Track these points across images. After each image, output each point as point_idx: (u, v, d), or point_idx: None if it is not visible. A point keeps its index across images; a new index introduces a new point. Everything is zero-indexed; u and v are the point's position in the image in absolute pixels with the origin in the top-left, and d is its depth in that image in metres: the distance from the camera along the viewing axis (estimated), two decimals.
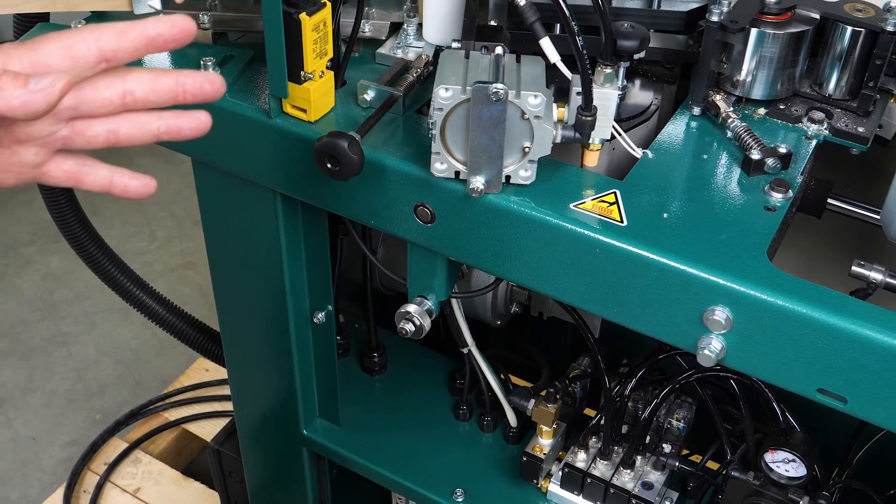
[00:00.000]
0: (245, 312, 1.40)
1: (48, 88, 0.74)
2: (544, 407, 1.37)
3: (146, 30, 0.79)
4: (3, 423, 2.56)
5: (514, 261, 1.03)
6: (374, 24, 1.21)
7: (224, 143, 1.17)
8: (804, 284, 0.90)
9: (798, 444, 1.15)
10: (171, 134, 0.86)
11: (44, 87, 0.74)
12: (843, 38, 1.09)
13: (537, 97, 0.94)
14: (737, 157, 1.06)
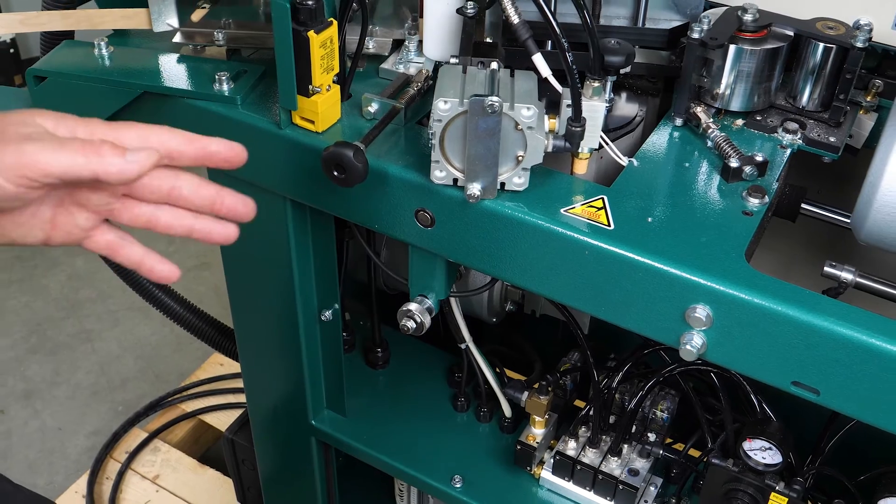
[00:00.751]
0: (257, 310, 1.40)
1: (142, 161, 0.79)
2: (537, 399, 1.37)
3: (209, 145, 0.85)
4: (32, 414, 2.55)
5: (509, 262, 1.03)
6: (377, 41, 1.21)
7: None
8: (779, 284, 0.90)
9: (774, 433, 1.15)
10: (201, 235, 0.90)
11: (138, 160, 0.78)
12: (816, 54, 1.09)
13: (530, 109, 0.94)
14: (716, 165, 1.06)
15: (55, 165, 0.77)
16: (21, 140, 0.77)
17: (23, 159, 0.76)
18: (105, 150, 0.78)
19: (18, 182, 0.77)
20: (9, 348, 2.75)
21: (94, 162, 0.77)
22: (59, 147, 0.78)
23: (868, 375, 0.87)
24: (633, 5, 1.16)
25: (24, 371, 2.68)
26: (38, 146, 0.77)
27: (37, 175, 0.77)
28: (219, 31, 1.22)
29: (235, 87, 1.16)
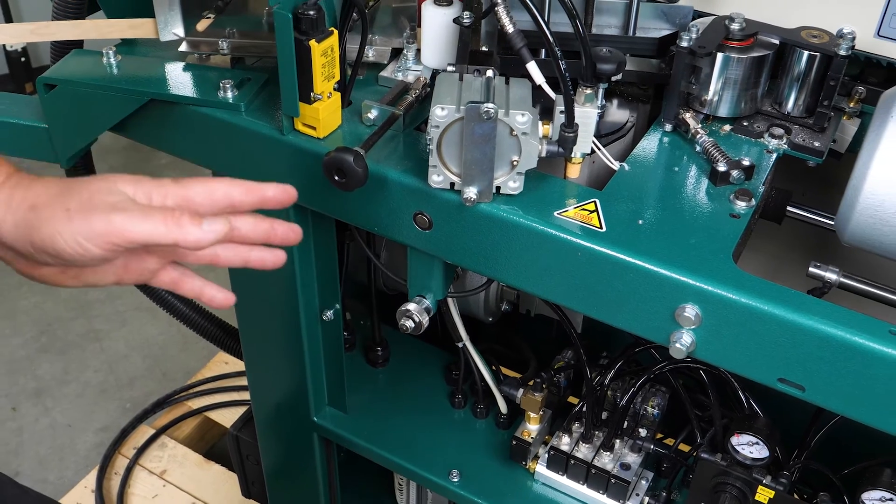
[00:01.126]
0: (261, 311, 1.40)
1: (217, 231, 0.83)
2: (532, 395, 1.37)
3: (266, 191, 0.91)
4: (42, 411, 2.55)
5: (504, 263, 1.03)
6: (376, 50, 1.21)
7: (242, 157, 1.17)
8: (766, 284, 0.90)
9: (761, 428, 1.15)
10: (257, 263, 0.97)
11: (214, 230, 0.83)
12: (801, 62, 1.09)
13: (524, 115, 0.94)
14: (705, 169, 1.06)
15: (140, 234, 0.81)
16: (108, 210, 0.81)
17: (111, 228, 0.81)
18: (184, 221, 0.82)
19: (105, 248, 0.81)
20: (20, 347, 2.75)
21: (175, 232, 0.82)
22: (144, 218, 0.82)
23: (851, 372, 0.87)
24: (624, 15, 1.16)
25: (34, 370, 2.68)
26: (124, 216, 0.81)
27: (123, 242, 0.82)
28: (223, 40, 1.22)
29: (239, 95, 1.16)
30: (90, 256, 0.82)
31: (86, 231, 0.80)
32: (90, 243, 0.81)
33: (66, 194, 0.83)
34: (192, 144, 1.21)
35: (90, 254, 0.82)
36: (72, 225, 0.81)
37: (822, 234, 1.14)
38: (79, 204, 0.82)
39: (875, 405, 0.88)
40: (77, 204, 0.82)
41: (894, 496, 1.08)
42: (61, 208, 0.81)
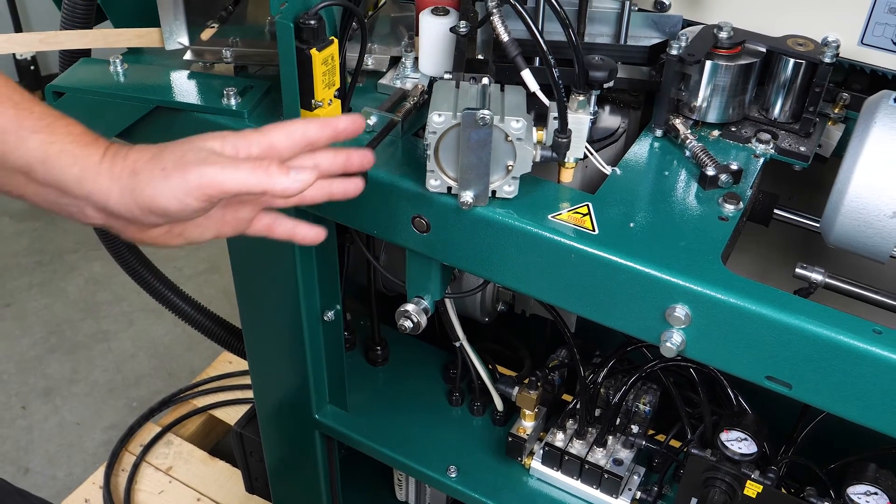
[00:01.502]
0: (264, 311, 1.40)
1: (304, 179, 0.84)
2: (527, 393, 1.37)
3: (338, 124, 0.92)
4: (52, 410, 2.55)
5: (500, 265, 1.02)
6: (375, 58, 1.21)
7: None
8: (753, 284, 0.90)
9: (749, 424, 1.15)
10: (340, 194, 0.97)
11: (301, 179, 0.84)
12: (787, 69, 1.09)
13: (519, 122, 0.94)
14: (694, 174, 1.06)
15: (231, 185, 0.83)
16: (200, 164, 0.83)
17: (204, 181, 0.82)
18: (273, 170, 0.83)
19: (202, 200, 0.83)
20: (30, 348, 2.74)
21: (265, 181, 0.83)
22: (234, 169, 0.83)
23: (837, 370, 0.87)
24: (615, 24, 1.16)
25: (44, 369, 2.67)
26: (216, 169, 0.83)
27: (216, 194, 0.83)
28: (227, 48, 1.22)
29: (242, 102, 1.16)
30: (190, 210, 0.84)
31: (182, 186, 0.83)
32: (189, 197, 0.83)
33: (160, 156, 0.85)
34: None
35: (190, 207, 0.84)
36: (169, 182, 0.83)
37: (808, 236, 1.14)
38: (172, 163, 0.84)
39: (859, 402, 0.88)
40: (171, 163, 0.84)
41: (878, 490, 1.08)
42: (158, 169, 0.83)
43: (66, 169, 0.84)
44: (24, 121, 0.84)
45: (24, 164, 0.84)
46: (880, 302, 1.04)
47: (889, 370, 0.84)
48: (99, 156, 0.85)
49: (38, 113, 0.85)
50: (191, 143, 0.87)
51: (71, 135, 0.85)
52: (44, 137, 0.84)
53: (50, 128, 0.85)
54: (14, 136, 0.83)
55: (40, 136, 0.84)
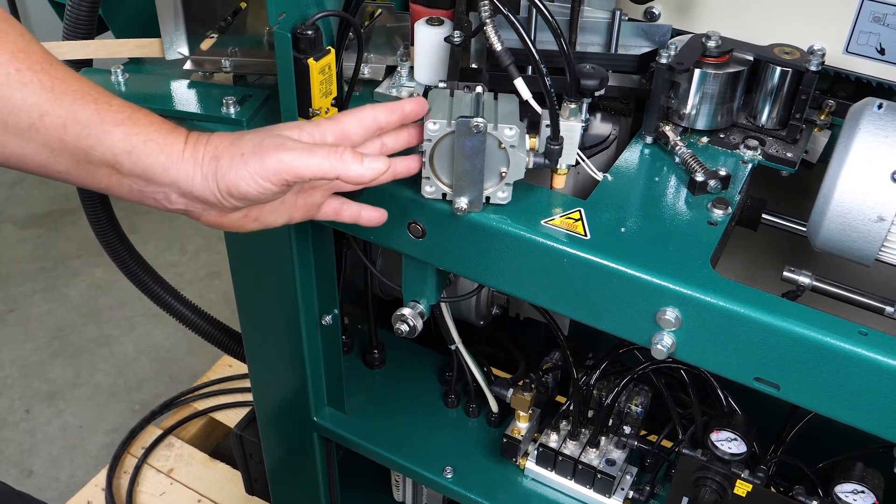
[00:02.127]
0: (263, 316, 1.40)
1: (377, 168, 0.87)
2: (521, 395, 1.37)
3: (405, 108, 0.95)
4: (55, 413, 2.54)
5: (494, 270, 1.03)
6: (372, 67, 1.21)
7: None
8: (741, 288, 0.90)
9: (739, 425, 1.15)
10: (404, 172, 0.98)
11: (374, 167, 0.87)
12: (773, 77, 1.10)
13: (512, 129, 0.94)
14: (683, 179, 1.06)
15: (308, 170, 0.86)
16: (277, 149, 0.86)
17: (281, 166, 0.85)
18: (347, 156, 0.86)
19: (279, 184, 0.86)
20: (33, 352, 2.74)
21: (338, 167, 0.86)
22: (310, 155, 0.86)
23: (823, 371, 0.87)
24: (606, 33, 1.16)
25: (47, 373, 2.67)
26: (293, 154, 0.86)
27: (293, 178, 0.86)
28: (226, 58, 1.22)
29: (241, 110, 1.16)
30: (269, 193, 0.87)
31: (261, 170, 0.85)
32: (267, 181, 0.85)
33: (239, 142, 0.88)
34: None
35: (268, 191, 0.87)
36: (248, 167, 0.85)
37: (796, 240, 1.14)
38: (251, 148, 0.87)
39: (846, 402, 0.88)
40: (250, 148, 0.87)
41: (865, 488, 1.08)
42: (238, 154, 0.86)
43: (153, 157, 0.86)
44: (105, 114, 0.85)
45: (111, 157, 0.86)
46: (866, 304, 1.04)
47: (874, 371, 0.84)
48: (182, 143, 0.88)
49: (116, 106, 0.87)
50: (268, 131, 0.91)
51: (153, 125, 0.88)
52: (127, 129, 0.86)
53: (131, 119, 0.86)
54: (98, 129, 0.85)
55: (123, 128, 0.86)
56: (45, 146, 0.85)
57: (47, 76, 0.83)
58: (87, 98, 0.85)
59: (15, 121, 0.82)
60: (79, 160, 0.86)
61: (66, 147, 0.85)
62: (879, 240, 0.93)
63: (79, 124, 0.84)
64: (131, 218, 3.15)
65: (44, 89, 0.83)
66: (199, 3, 1.20)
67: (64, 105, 0.83)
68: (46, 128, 0.83)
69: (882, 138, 0.91)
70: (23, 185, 3.42)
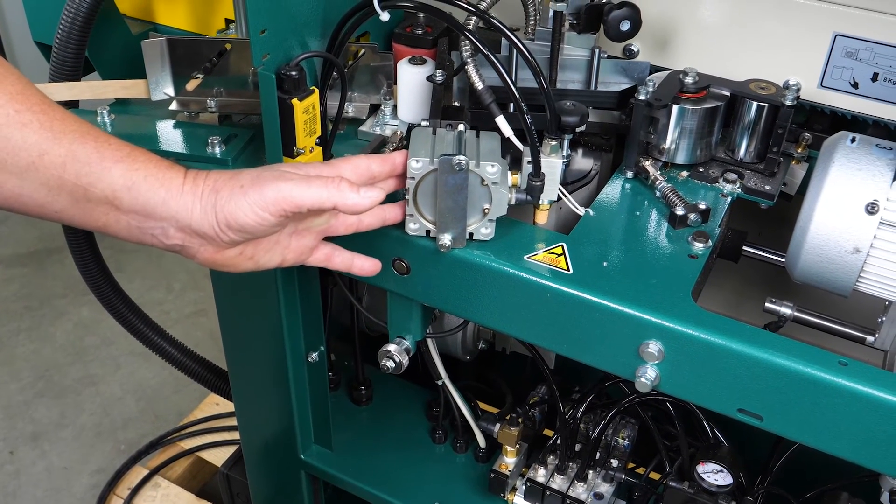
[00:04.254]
0: (249, 353, 1.40)
1: (373, 197, 0.89)
2: (508, 430, 1.37)
3: (396, 160, 0.98)
4: (39, 455, 2.52)
5: (479, 305, 1.03)
6: (356, 106, 1.23)
7: None
8: (722, 320, 0.91)
9: (724, 456, 1.16)
10: (393, 219, 1.01)
11: (370, 196, 0.88)
12: (750, 112, 1.12)
13: (494, 166, 0.95)
14: (664, 213, 1.07)
15: (306, 198, 0.87)
16: (276, 180, 0.88)
17: (280, 195, 0.87)
18: (343, 186, 0.88)
19: (277, 214, 0.88)
20: (18, 393, 2.72)
21: (336, 196, 0.88)
22: (308, 184, 0.88)
23: (805, 402, 0.88)
24: (586, 70, 1.19)
25: (32, 414, 2.65)
26: (291, 184, 0.87)
27: (291, 207, 0.87)
28: (211, 98, 1.23)
29: (227, 150, 1.17)
30: (267, 224, 0.88)
31: (260, 201, 0.87)
32: (265, 211, 0.87)
33: (238, 175, 0.90)
34: None
35: (266, 221, 0.88)
36: (247, 198, 0.87)
37: (778, 271, 1.15)
38: (250, 180, 0.88)
39: (828, 432, 0.89)
40: (249, 181, 0.88)
41: None
42: (237, 186, 0.88)
43: (153, 192, 0.88)
44: (105, 152, 0.87)
45: (110, 193, 0.87)
46: (848, 334, 1.06)
47: (854, 400, 0.85)
48: (181, 177, 0.89)
49: (115, 144, 0.88)
50: (267, 166, 0.93)
51: (151, 161, 0.89)
52: (127, 165, 0.87)
53: (131, 157, 0.88)
54: (98, 166, 0.86)
55: (123, 165, 0.87)
56: (43, 185, 0.85)
57: (46, 116, 0.84)
58: (86, 137, 0.86)
59: (14, 160, 0.83)
60: (77, 198, 0.87)
61: (64, 185, 0.86)
62: (856, 271, 0.94)
63: (78, 162, 0.85)
64: (117, 256, 3.15)
65: (43, 129, 0.84)
66: (184, 44, 1.22)
67: (63, 144, 0.85)
68: (46, 166, 0.84)
69: (855, 171, 0.93)
70: (8, 223, 3.41)
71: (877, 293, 0.96)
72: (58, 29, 1.20)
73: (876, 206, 0.91)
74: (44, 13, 1.35)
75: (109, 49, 1.31)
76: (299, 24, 1.07)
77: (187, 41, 1.23)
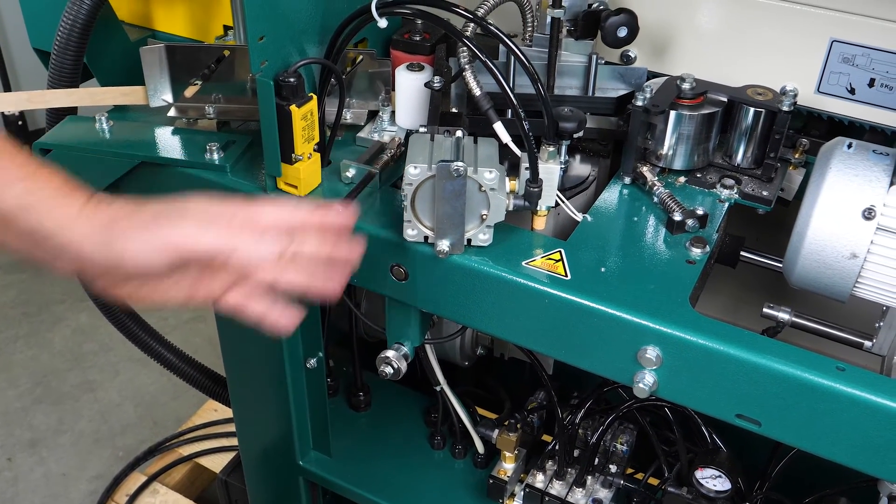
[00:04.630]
0: (247, 360, 1.40)
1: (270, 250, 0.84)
2: (507, 435, 1.37)
3: (327, 215, 0.89)
4: (38, 461, 2.51)
5: (477, 311, 1.03)
6: (354, 112, 1.23)
7: None
8: (721, 325, 0.91)
9: (723, 461, 1.16)
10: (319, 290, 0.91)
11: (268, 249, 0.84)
12: (747, 118, 1.12)
13: (492, 172, 0.95)
14: (662, 219, 1.08)
15: (202, 244, 0.82)
16: (176, 220, 0.83)
17: (175, 238, 0.82)
18: (244, 235, 0.83)
19: (172, 256, 0.82)
20: (16, 399, 2.71)
21: (232, 243, 0.83)
22: (207, 228, 0.83)
23: (803, 407, 0.88)
24: (583, 77, 1.19)
25: (30, 420, 2.64)
26: (190, 226, 0.83)
27: (185, 252, 0.82)
28: (209, 105, 1.23)
29: (225, 156, 1.17)
30: (158, 266, 0.82)
31: (153, 241, 0.82)
32: (158, 253, 0.82)
33: (140, 209, 0.84)
34: None
35: (157, 262, 0.82)
36: (143, 236, 0.82)
37: (777, 275, 1.16)
38: (151, 216, 0.83)
39: (826, 438, 0.89)
40: (149, 216, 0.83)
41: None
42: (136, 220, 0.83)
43: (47, 215, 0.83)
44: (6, 169, 0.83)
45: (6, 211, 0.83)
46: (845, 339, 1.06)
47: (852, 406, 0.86)
48: (80, 204, 0.84)
49: (20, 161, 0.84)
50: (173, 202, 0.86)
51: (53, 183, 0.85)
52: (27, 185, 0.83)
53: (32, 176, 0.84)
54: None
55: (23, 185, 0.83)
56: None
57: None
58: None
59: None
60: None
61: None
62: (853, 276, 0.94)
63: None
64: None
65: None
66: (183, 50, 1.22)
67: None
68: None
69: (852, 177, 0.93)
70: None
71: (874, 298, 0.97)
72: (56, 35, 1.21)
73: (873, 211, 0.92)
74: (42, 20, 1.35)
75: (108, 56, 1.32)
76: (297, 31, 1.07)
77: (186, 48, 1.23)
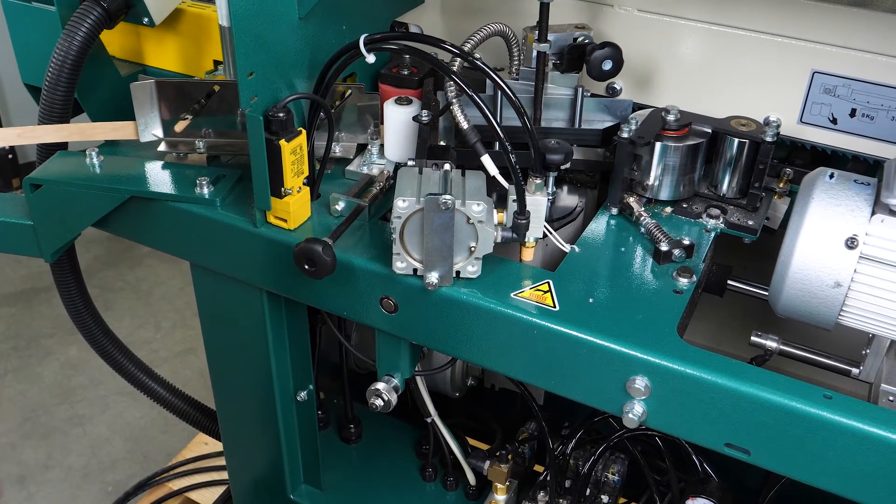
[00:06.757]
0: (237, 392, 1.40)
1: None
2: (498, 467, 1.37)
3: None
4: (26, 497, 2.49)
5: (466, 343, 1.04)
6: (343, 146, 1.24)
7: (217, 248, 1.18)
8: (708, 355, 0.92)
9: (714, 490, 1.16)
10: None
11: None
12: (732, 148, 1.13)
13: (480, 205, 0.96)
14: (649, 249, 1.09)
15: None
16: None
17: None
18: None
19: None
20: (4, 435, 2.69)
21: None
22: None
23: (791, 435, 0.89)
24: (570, 109, 1.20)
25: (18, 456, 2.62)
26: None
27: None
28: (199, 139, 1.24)
29: (215, 191, 1.18)
30: None
31: None
32: None
33: None
34: (170, 238, 1.23)
35: None
36: None
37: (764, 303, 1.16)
38: None
39: (815, 466, 0.90)
40: None
41: None
42: None
43: None
44: None
45: None
46: (833, 366, 1.07)
47: (840, 434, 0.86)
48: None
49: None
50: None
51: None
52: None
53: None
54: None
55: None
56: None
57: None
58: None
59: None
60: None
61: None
62: (838, 305, 0.95)
63: None
64: (105, 295, 3.14)
65: None
66: (173, 85, 1.23)
67: None
68: None
69: (834, 206, 0.94)
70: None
71: (859, 326, 0.98)
72: (47, 71, 1.22)
73: (855, 240, 0.93)
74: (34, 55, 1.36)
75: (98, 91, 1.33)
76: (286, 67, 1.08)
77: (176, 83, 1.24)
